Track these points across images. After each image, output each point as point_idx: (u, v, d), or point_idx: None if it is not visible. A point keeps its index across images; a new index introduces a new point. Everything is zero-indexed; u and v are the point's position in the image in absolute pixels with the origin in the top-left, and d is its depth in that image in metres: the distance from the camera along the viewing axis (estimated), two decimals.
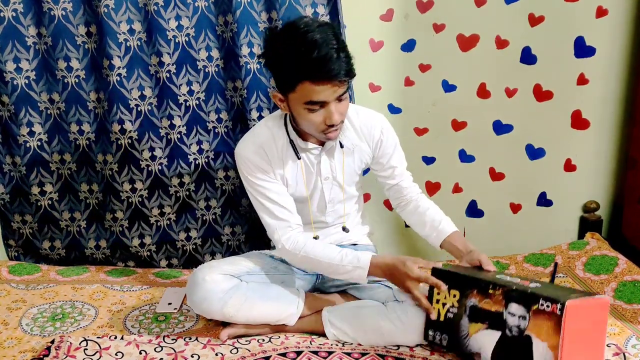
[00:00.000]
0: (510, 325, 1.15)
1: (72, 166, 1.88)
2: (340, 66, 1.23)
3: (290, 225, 1.44)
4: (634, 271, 1.65)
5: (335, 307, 1.45)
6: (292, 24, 1.26)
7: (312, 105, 1.28)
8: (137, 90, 1.78)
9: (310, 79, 1.24)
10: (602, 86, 1.87)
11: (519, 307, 1.14)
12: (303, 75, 1.24)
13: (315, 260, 1.39)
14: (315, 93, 1.25)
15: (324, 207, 1.54)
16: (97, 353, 1.34)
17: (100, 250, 1.95)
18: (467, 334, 1.23)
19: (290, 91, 1.29)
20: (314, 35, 1.22)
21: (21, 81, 1.79)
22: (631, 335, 1.40)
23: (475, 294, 1.22)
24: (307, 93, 1.26)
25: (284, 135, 1.45)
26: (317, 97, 1.26)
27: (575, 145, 1.93)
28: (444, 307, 1.28)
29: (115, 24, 1.71)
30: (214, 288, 1.39)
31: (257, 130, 1.47)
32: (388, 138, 1.53)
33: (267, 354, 1.35)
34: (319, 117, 1.31)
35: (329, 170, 1.49)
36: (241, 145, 1.45)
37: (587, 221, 1.97)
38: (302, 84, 1.25)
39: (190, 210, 1.92)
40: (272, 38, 1.31)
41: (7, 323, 1.53)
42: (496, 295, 1.18)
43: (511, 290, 1.16)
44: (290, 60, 1.24)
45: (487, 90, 1.89)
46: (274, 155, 1.44)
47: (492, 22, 1.82)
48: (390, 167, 1.56)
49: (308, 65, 1.22)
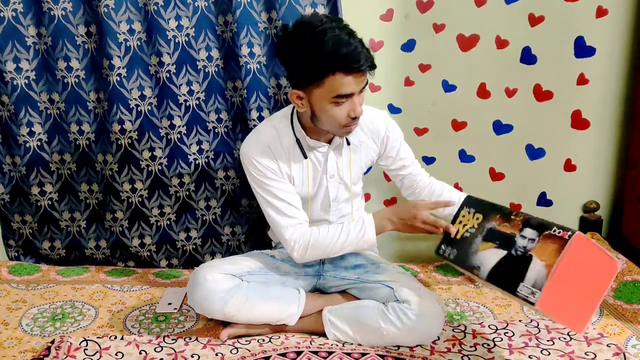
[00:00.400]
0: (517, 246, 1.17)
1: (72, 166, 1.88)
2: (367, 57, 1.28)
3: (300, 222, 1.45)
4: (634, 271, 1.65)
5: (335, 307, 1.45)
6: (308, 22, 1.28)
7: (339, 99, 1.30)
8: (137, 90, 1.78)
9: (342, 71, 1.26)
10: (602, 86, 1.87)
11: (532, 231, 1.16)
12: (335, 68, 1.26)
13: (324, 246, 1.41)
14: (344, 86, 1.28)
15: (328, 206, 1.55)
16: (97, 353, 1.34)
17: (100, 250, 1.95)
18: (476, 250, 1.25)
19: (317, 86, 1.30)
20: (339, 30, 1.26)
21: (21, 81, 1.79)
22: (631, 335, 1.40)
23: (497, 219, 1.24)
24: (336, 86, 1.28)
25: (290, 134, 1.45)
26: (345, 90, 1.29)
27: (575, 145, 1.92)
28: (464, 227, 1.31)
29: (115, 24, 1.71)
30: (215, 287, 1.40)
31: (262, 130, 1.47)
32: (394, 133, 1.56)
33: (267, 354, 1.35)
34: (343, 111, 1.33)
35: (335, 168, 1.50)
36: (247, 145, 1.45)
37: (587, 221, 1.97)
38: (331, 77, 1.27)
39: (190, 210, 1.92)
40: (291, 36, 1.31)
41: (7, 323, 1.53)
42: (516, 221, 1.20)
43: (531, 219, 1.18)
44: (319, 55, 1.26)
45: (487, 90, 1.89)
46: (281, 154, 1.45)
47: (492, 22, 1.82)
48: (400, 159, 1.59)
49: (339, 58, 1.25)
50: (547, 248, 1.10)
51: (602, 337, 1.39)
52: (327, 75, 1.27)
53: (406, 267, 1.88)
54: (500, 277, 1.18)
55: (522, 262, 1.13)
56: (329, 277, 1.54)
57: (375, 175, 1.93)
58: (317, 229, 1.43)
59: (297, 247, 1.42)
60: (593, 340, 1.38)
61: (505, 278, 1.16)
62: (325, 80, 1.28)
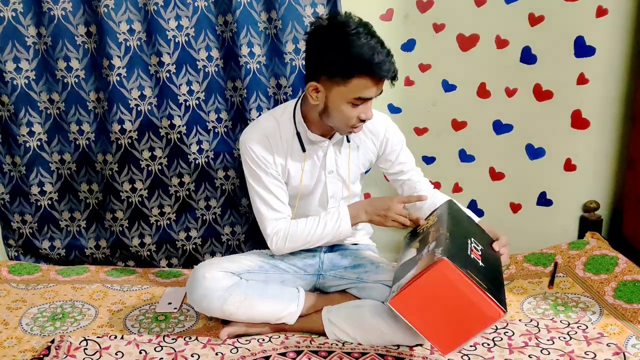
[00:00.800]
0: (421, 253, 1.26)
1: (72, 166, 1.88)
2: (393, 67, 1.33)
3: (284, 216, 1.48)
4: (634, 271, 1.65)
5: (335, 307, 1.45)
6: (346, 22, 1.31)
7: (358, 101, 1.34)
8: (137, 90, 1.79)
9: (370, 76, 1.30)
10: (602, 86, 1.87)
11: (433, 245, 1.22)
12: (365, 72, 1.29)
13: (302, 237, 1.46)
14: (367, 90, 1.32)
15: (326, 202, 1.55)
16: (97, 353, 1.34)
17: (100, 250, 1.95)
18: (410, 245, 1.37)
19: (341, 84, 1.32)
20: (372, 37, 1.30)
21: (21, 81, 1.79)
22: (631, 335, 1.40)
23: (438, 226, 1.31)
24: (360, 88, 1.32)
25: (292, 127, 1.47)
26: (367, 94, 1.33)
27: (575, 144, 1.92)
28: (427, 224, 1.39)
29: (115, 24, 1.72)
30: (214, 285, 1.40)
31: (262, 121, 1.50)
32: (394, 136, 1.56)
33: (267, 354, 1.35)
34: (356, 112, 1.36)
35: (334, 164, 1.52)
36: (246, 134, 1.48)
37: (587, 221, 1.97)
38: (358, 79, 1.30)
39: (190, 210, 1.92)
40: (326, 31, 1.33)
41: (7, 323, 1.53)
42: (438, 234, 1.26)
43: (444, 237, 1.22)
44: (354, 56, 1.28)
45: (487, 90, 1.89)
46: (279, 146, 1.46)
47: (492, 22, 1.82)
48: (399, 163, 1.59)
49: (372, 64, 1.28)
50: (423, 263, 1.18)
51: (602, 337, 1.39)
52: (355, 76, 1.30)
53: None
54: (398, 271, 1.29)
55: (410, 267, 1.23)
56: (328, 277, 1.55)
57: (375, 176, 1.93)
58: (296, 221, 1.47)
59: (276, 240, 1.47)
60: (593, 340, 1.38)
61: (397, 275, 1.28)
62: (352, 80, 1.31)
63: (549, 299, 1.62)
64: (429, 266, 1.15)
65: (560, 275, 1.75)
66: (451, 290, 1.14)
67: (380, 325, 1.36)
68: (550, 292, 1.67)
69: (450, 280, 1.14)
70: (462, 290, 1.14)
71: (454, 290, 1.14)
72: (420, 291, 1.16)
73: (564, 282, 1.72)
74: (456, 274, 1.13)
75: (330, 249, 1.61)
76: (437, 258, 1.14)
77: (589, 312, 1.53)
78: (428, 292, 1.16)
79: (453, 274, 1.13)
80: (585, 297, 1.62)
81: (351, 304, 1.45)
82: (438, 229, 1.28)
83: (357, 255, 1.59)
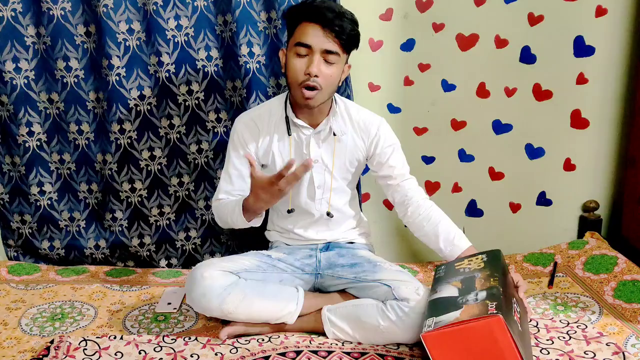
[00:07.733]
0: (466, 298, 1.23)
1: (72, 166, 1.88)
2: (338, 19, 1.38)
3: (232, 195, 1.55)
4: (634, 270, 1.65)
5: (334, 306, 1.45)
6: None
7: (300, 47, 1.40)
8: (136, 90, 1.78)
9: (308, 20, 1.38)
10: (602, 85, 1.87)
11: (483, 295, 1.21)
12: (301, 17, 1.40)
13: (223, 214, 1.52)
14: (305, 35, 1.39)
15: (313, 193, 1.57)
16: (96, 353, 1.34)
17: (100, 250, 1.95)
18: (449, 281, 1.34)
19: (290, 37, 1.43)
20: None
21: (20, 81, 1.78)
22: (631, 335, 1.40)
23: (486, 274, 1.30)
24: (300, 34, 1.40)
25: (281, 111, 1.54)
26: (306, 39, 1.38)
27: (574, 144, 1.92)
28: (468, 263, 1.39)
29: (114, 24, 1.71)
30: (213, 284, 1.40)
31: (259, 106, 1.60)
32: (385, 137, 1.56)
33: (267, 354, 1.35)
34: (301, 64, 1.40)
35: (319, 154, 1.54)
36: (239, 116, 1.59)
37: (587, 220, 1.97)
38: (299, 26, 1.40)
39: (190, 210, 1.92)
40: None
41: (7, 323, 1.53)
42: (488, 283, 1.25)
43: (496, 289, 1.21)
44: (295, 6, 1.43)
45: (486, 89, 1.89)
46: (264, 128, 1.54)
47: (492, 22, 1.82)
48: (389, 167, 1.57)
49: (307, 7, 1.39)
50: (472, 310, 1.16)
51: (601, 336, 1.39)
52: (298, 25, 1.40)
53: (405, 267, 1.88)
54: (435, 305, 1.25)
55: (453, 307, 1.20)
56: (326, 276, 1.55)
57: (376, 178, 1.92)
58: (225, 201, 1.54)
59: (214, 207, 1.58)
60: (592, 340, 1.38)
61: (434, 308, 1.24)
62: (296, 30, 1.41)
63: (549, 299, 1.62)
64: (480, 317, 1.12)
65: (560, 275, 1.76)
66: (492, 347, 1.12)
67: (379, 324, 1.36)
68: (549, 292, 1.67)
69: (496, 338, 1.11)
70: (503, 351, 1.11)
71: (495, 349, 1.12)
72: (461, 337, 1.13)
73: (563, 282, 1.72)
74: (505, 336, 1.10)
75: (326, 248, 1.62)
76: (490, 312, 1.12)
77: (589, 311, 1.54)
78: (468, 340, 1.13)
79: (502, 334, 1.11)
80: (584, 296, 1.62)
81: (351, 303, 1.45)
82: (488, 278, 1.25)
83: (354, 254, 1.59)
